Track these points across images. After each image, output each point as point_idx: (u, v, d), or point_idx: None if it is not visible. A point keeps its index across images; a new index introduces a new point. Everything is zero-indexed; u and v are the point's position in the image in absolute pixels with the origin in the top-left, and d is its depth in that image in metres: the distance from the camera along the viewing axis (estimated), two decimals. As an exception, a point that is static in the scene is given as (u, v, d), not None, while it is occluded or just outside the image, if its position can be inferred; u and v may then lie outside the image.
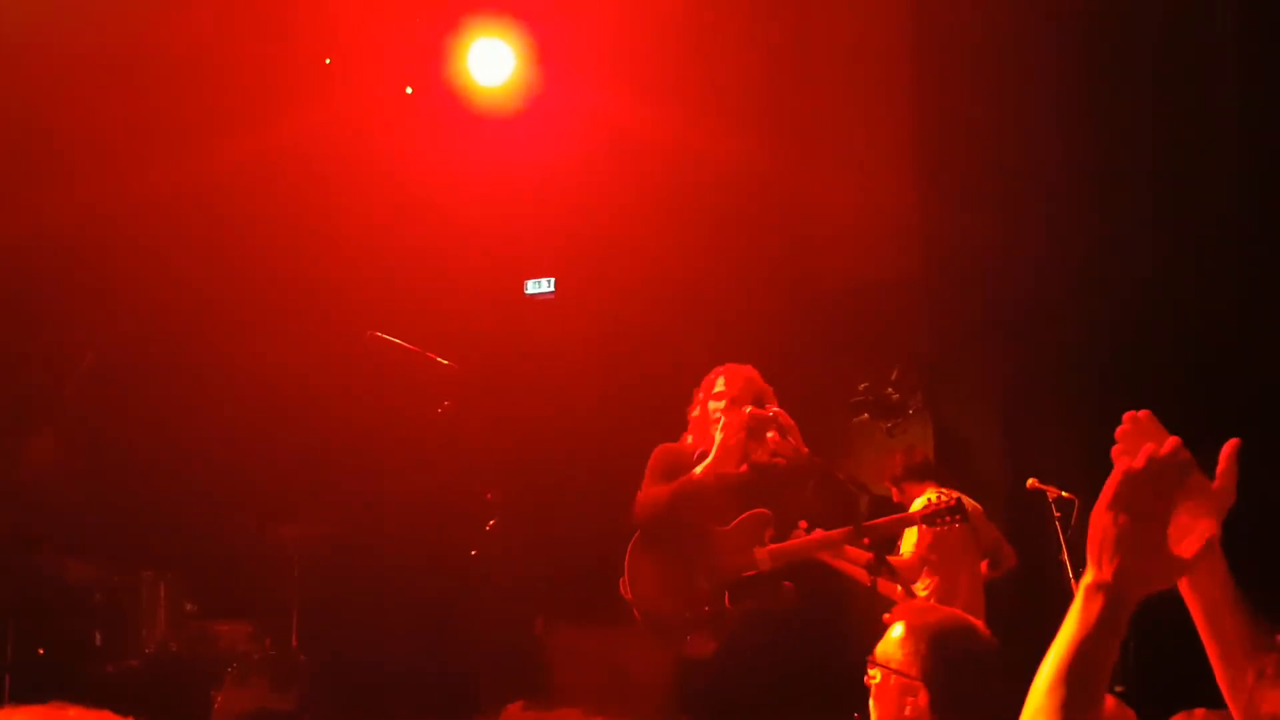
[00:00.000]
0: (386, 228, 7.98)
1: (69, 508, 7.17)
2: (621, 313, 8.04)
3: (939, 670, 2.58)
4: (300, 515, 7.35)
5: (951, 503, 5.37)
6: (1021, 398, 7.87)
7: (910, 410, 7.31)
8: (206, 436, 7.65)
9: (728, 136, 7.73)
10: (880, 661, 2.64)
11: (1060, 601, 1.73)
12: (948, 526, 5.45)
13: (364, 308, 7.35)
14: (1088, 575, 1.66)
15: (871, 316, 7.95)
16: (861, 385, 7.29)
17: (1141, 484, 1.63)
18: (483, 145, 8.10)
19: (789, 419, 5.26)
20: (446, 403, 6.03)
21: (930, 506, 5.47)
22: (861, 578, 5.84)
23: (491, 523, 5.87)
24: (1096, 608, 1.63)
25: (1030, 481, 6.11)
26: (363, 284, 7.80)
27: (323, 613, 7.24)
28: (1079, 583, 1.67)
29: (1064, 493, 5.94)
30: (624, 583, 5.42)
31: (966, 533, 6.40)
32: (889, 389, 7.21)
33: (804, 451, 5.22)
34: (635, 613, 5.40)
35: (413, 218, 8.03)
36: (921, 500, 6.04)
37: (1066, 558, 5.75)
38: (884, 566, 5.19)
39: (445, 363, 6.08)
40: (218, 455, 7.62)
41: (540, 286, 8.67)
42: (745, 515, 5.32)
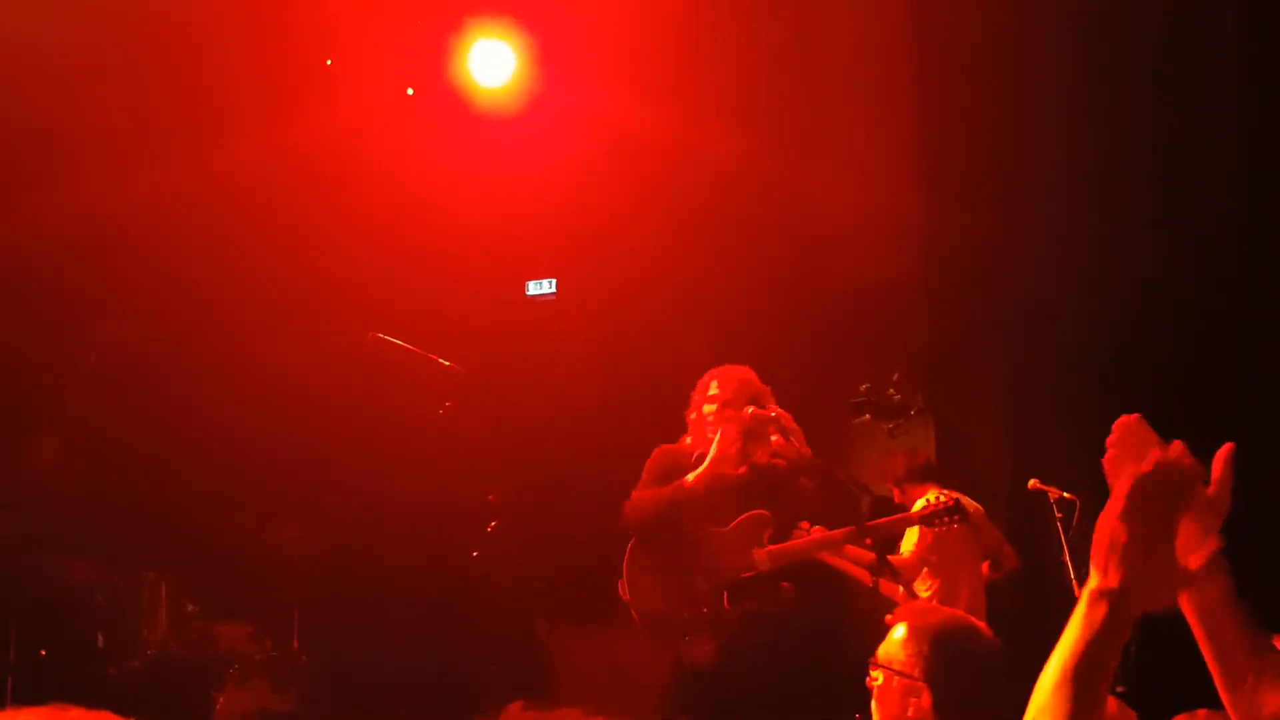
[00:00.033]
0: (388, 229, 7.98)
1: (71, 508, 7.17)
2: (623, 313, 8.04)
3: (942, 671, 2.58)
4: (301, 516, 7.35)
5: (950, 503, 5.38)
6: (1023, 398, 7.87)
7: (912, 411, 7.29)
8: (208, 437, 7.65)
9: (729, 137, 7.73)
10: (883, 663, 2.64)
11: (1062, 603, 1.73)
12: (946, 527, 5.45)
13: (365, 309, 7.35)
14: (1092, 581, 1.66)
15: (872, 317, 7.95)
16: (863, 386, 7.27)
17: (1149, 490, 1.64)
18: (484, 146, 8.10)
19: (792, 420, 5.26)
20: (448, 404, 6.04)
21: (929, 507, 5.47)
22: (863, 578, 5.85)
23: (493, 524, 5.88)
24: (1100, 614, 1.64)
25: (1032, 482, 6.11)
26: (364, 285, 7.81)
27: (324, 614, 7.25)
28: (1082, 586, 1.68)
29: (1065, 494, 5.93)
30: (622, 584, 5.43)
31: (968, 534, 6.41)
32: (890, 390, 7.19)
33: (807, 453, 5.22)
34: (633, 614, 5.41)
35: (414, 219, 8.03)
36: (922, 502, 6.04)
37: (1068, 559, 5.74)
38: (886, 567, 5.19)
39: (447, 364, 6.08)
40: (219, 456, 7.62)
41: (542, 287, 8.67)
42: (744, 517, 5.32)
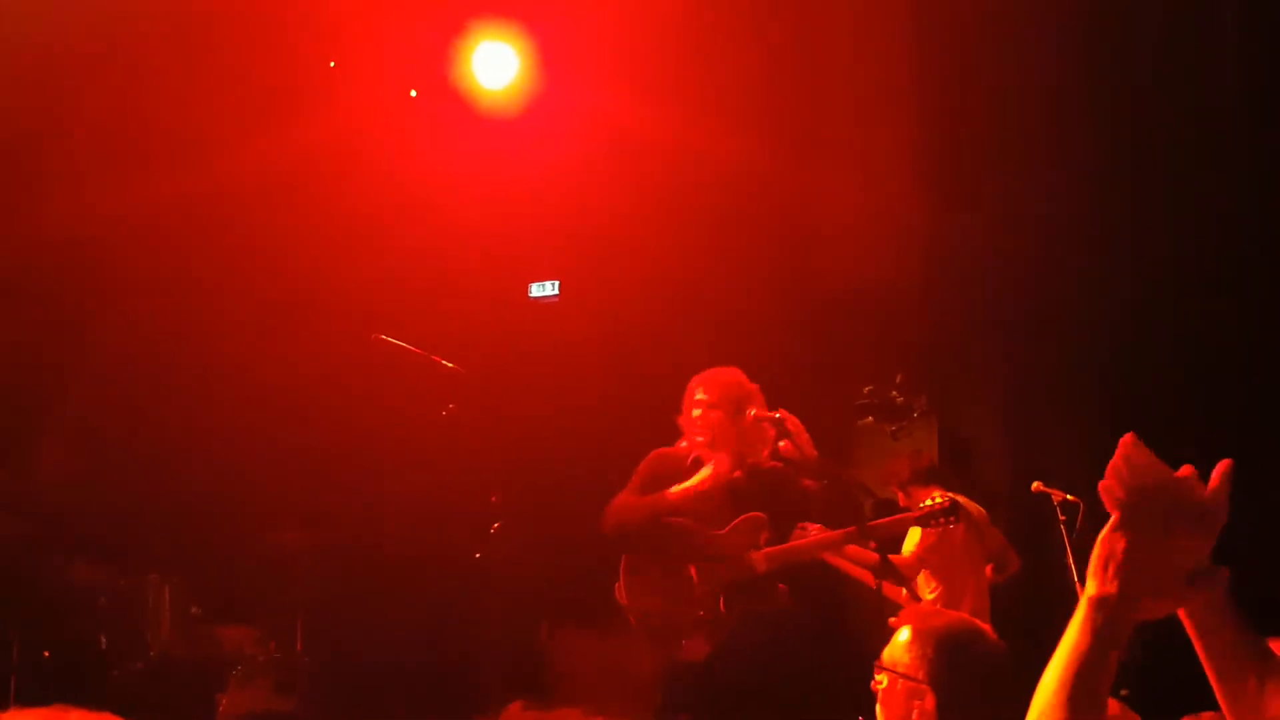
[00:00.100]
0: (390, 230, 7.98)
1: (74, 510, 7.17)
2: (624, 314, 8.04)
3: (946, 674, 2.58)
4: (304, 517, 7.35)
5: (946, 504, 5.38)
6: (1026, 400, 7.87)
7: (915, 413, 7.29)
8: (210, 438, 7.65)
9: (730, 138, 7.73)
10: (887, 666, 2.64)
11: (1065, 605, 1.73)
12: (942, 527, 5.46)
13: (368, 310, 7.36)
14: (1090, 588, 1.67)
15: (874, 318, 7.95)
16: (866, 388, 7.26)
17: (1149, 502, 1.65)
18: (486, 147, 8.10)
19: (797, 422, 5.25)
20: (451, 405, 6.04)
21: (925, 508, 5.48)
22: (866, 579, 5.85)
23: (496, 525, 5.87)
24: (1098, 621, 1.66)
25: (1035, 485, 6.10)
26: (367, 286, 7.80)
27: (326, 615, 7.25)
28: (1082, 592, 1.69)
29: (1069, 496, 5.93)
30: (619, 587, 5.43)
31: (972, 537, 6.41)
32: (893, 392, 7.19)
33: (813, 455, 5.22)
34: (630, 617, 5.41)
35: (416, 220, 8.03)
36: (928, 503, 6.05)
37: (1071, 561, 5.74)
38: (889, 569, 5.19)
39: (450, 365, 6.08)
40: (222, 457, 7.62)
41: (544, 289, 8.67)
42: (740, 519, 5.32)
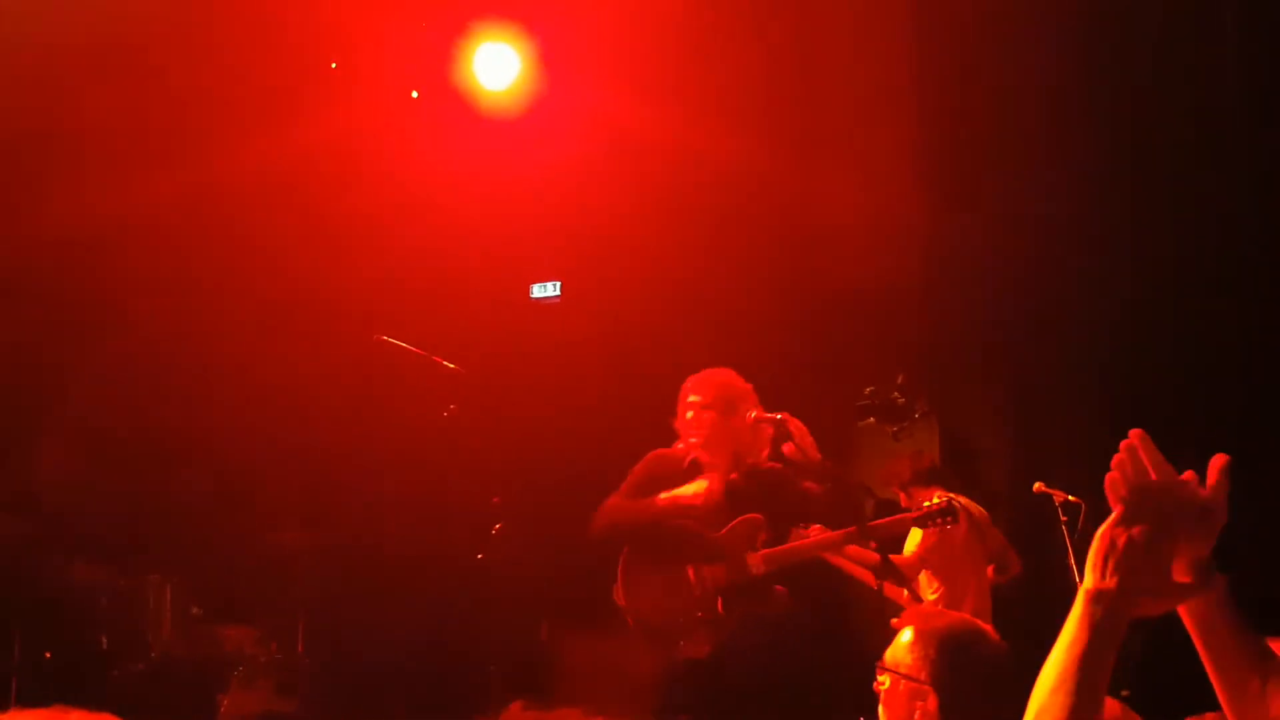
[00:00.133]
0: (392, 230, 7.98)
1: (75, 510, 7.17)
2: (626, 315, 8.04)
3: (948, 675, 2.58)
4: (305, 518, 7.35)
5: (943, 504, 5.39)
6: (1027, 400, 7.86)
7: (916, 414, 7.29)
8: (212, 439, 7.65)
9: (731, 139, 7.73)
10: (889, 667, 2.64)
11: (1067, 606, 1.73)
12: (941, 527, 5.47)
13: (369, 311, 7.36)
14: (1088, 581, 1.68)
15: (875, 318, 7.95)
16: (867, 389, 7.27)
17: (1149, 498, 1.65)
18: (488, 148, 8.10)
19: (801, 425, 5.25)
20: (452, 406, 6.04)
21: (923, 508, 5.49)
22: (867, 580, 5.85)
23: (498, 526, 5.87)
24: (1096, 615, 1.66)
25: (1037, 485, 6.10)
26: (368, 287, 7.80)
27: (328, 616, 7.25)
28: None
29: (1070, 497, 5.93)
30: (618, 589, 5.43)
31: (973, 538, 6.42)
32: (894, 393, 7.20)
33: (816, 457, 5.23)
34: (628, 618, 5.41)
35: (418, 220, 8.03)
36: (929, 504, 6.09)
37: (1073, 562, 5.74)
38: (890, 569, 5.19)
39: (451, 366, 6.08)
40: (223, 458, 7.62)
41: (546, 290, 8.67)
42: (738, 520, 5.32)
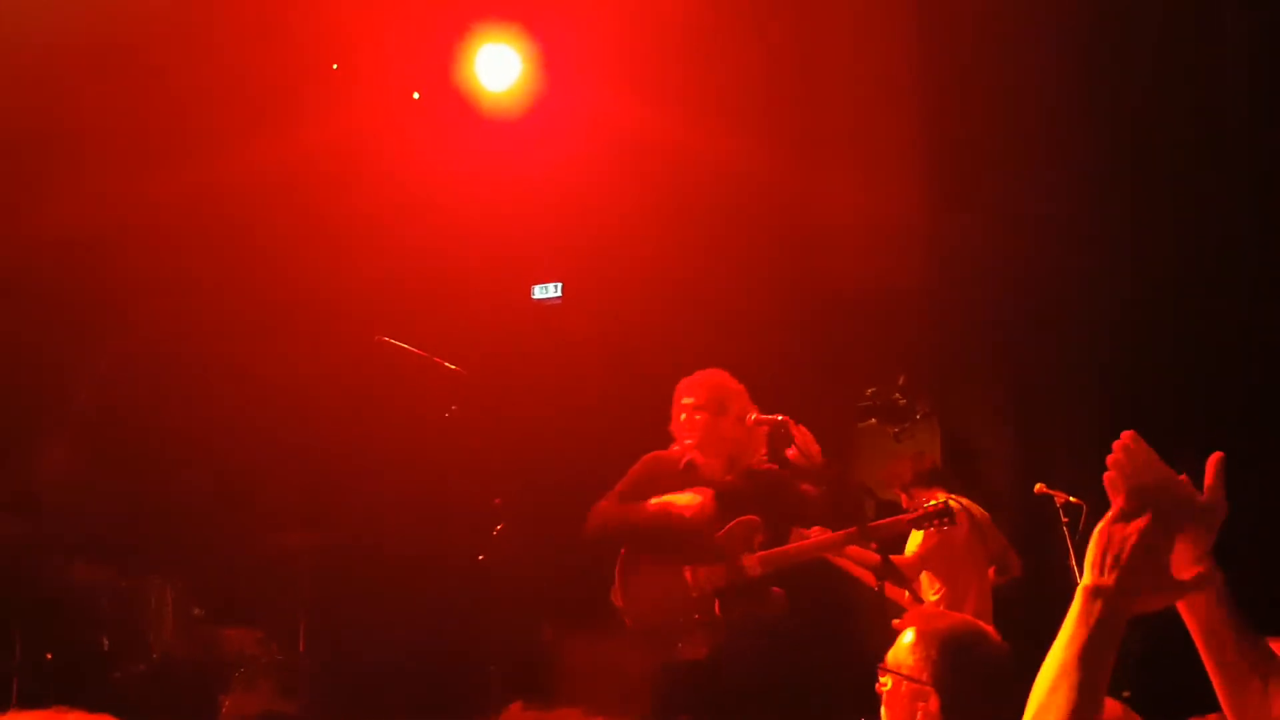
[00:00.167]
0: (393, 232, 7.98)
1: (76, 511, 7.17)
2: (628, 316, 8.04)
3: (950, 676, 2.58)
4: (307, 519, 7.35)
5: (940, 506, 5.41)
6: (1028, 401, 7.86)
7: (917, 415, 7.30)
8: (213, 440, 7.65)
9: (733, 140, 7.73)
10: (891, 668, 2.64)
11: (1068, 607, 1.73)
12: (937, 528, 5.49)
13: (371, 312, 7.35)
14: (1086, 579, 1.68)
15: (876, 320, 7.95)
16: (869, 390, 7.28)
17: (1148, 496, 1.66)
18: (489, 149, 8.10)
19: (805, 432, 5.26)
20: (453, 407, 6.04)
21: (919, 509, 5.50)
22: (869, 580, 5.85)
23: (499, 527, 5.87)
24: (1095, 611, 1.66)
25: (1038, 486, 6.11)
26: (369, 288, 7.81)
27: (329, 617, 7.25)
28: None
29: (1072, 498, 5.93)
30: (615, 591, 5.43)
31: (974, 539, 6.42)
32: (896, 394, 7.20)
33: (819, 459, 5.23)
34: (626, 620, 5.41)
35: (419, 221, 8.03)
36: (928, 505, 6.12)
37: (1074, 563, 5.74)
38: (890, 570, 5.19)
39: (452, 367, 6.08)
40: (225, 459, 7.63)
41: (547, 291, 8.67)
42: (735, 522, 5.33)
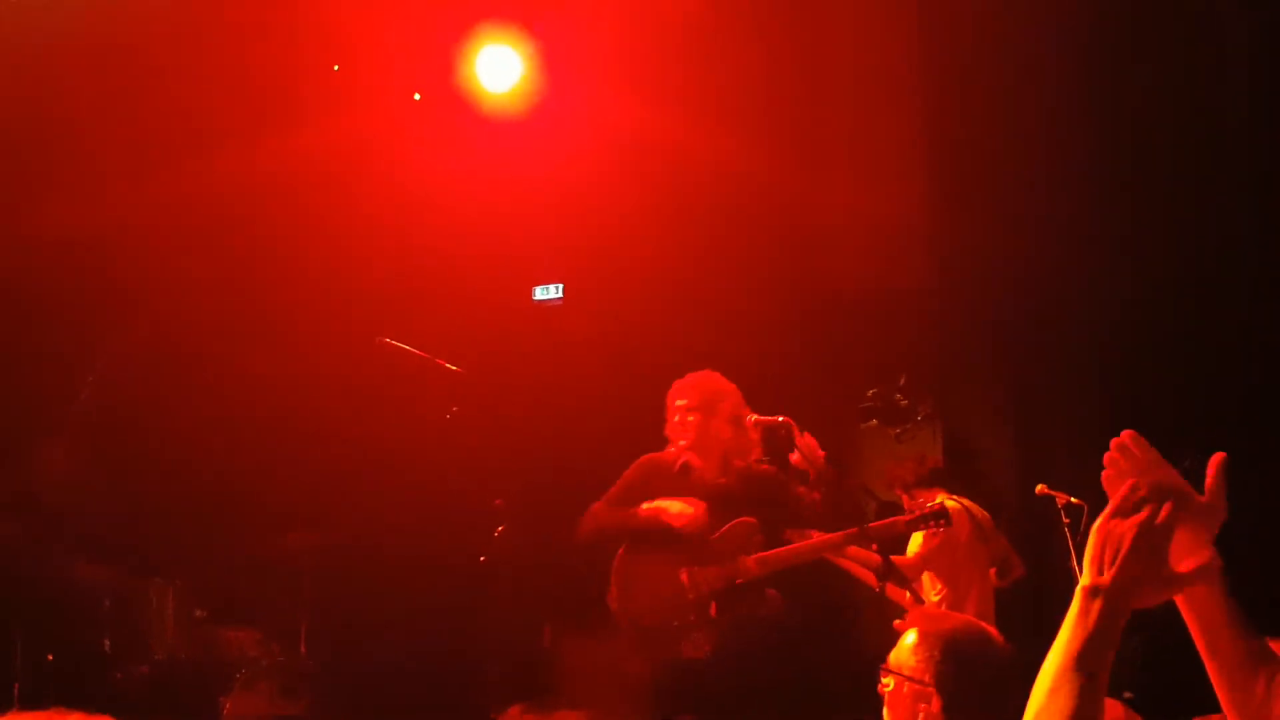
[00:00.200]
0: (394, 233, 7.98)
1: (78, 512, 7.17)
2: (630, 317, 8.04)
3: (952, 677, 2.57)
4: (308, 520, 7.35)
5: (936, 508, 5.42)
6: (1030, 402, 7.86)
7: (919, 416, 7.30)
8: (216, 442, 7.65)
9: (734, 141, 7.73)
10: (894, 668, 2.64)
11: (1068, 608, 1.73)
12: (931, 530, 5.51)
13: (372, 313, 7.36)
14: (1085, 578, 1.68)
15: (877, 320, 7.95)
16: (870, 391, 7.28)
17: (1145, 493, 1.66)
18: (491, 151, 8.11)
19: (811, 441, 5.27)
20: (455, 408, 6.04)
21: (915, 511, 5.52)
22: (870, 581, 5.85)
23: (500, 529, 5.88)
24: (1094, 611, 1.66)
25: (1039, 487, 6.10)
26: (371, 290, 7.81)
27: (330, 618, 7.24)
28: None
29: (1073, 499, 5.93)
30: (611, 594, 5.44)
31: (976, 541, 6.42)
32: (898, 395, 7.20)
33: (821, 464, 5.24)
34: (621, 622, 5.41)
35: (421, 223, 8.04)
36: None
37: (1075, 564, 5.73)
38: (892, 571, 5.20)
39: (454, 368, 6.08)
40: (227, 461, 7.62)
41: (549, 293, 8.66)
42: (731, 524, 5.33)
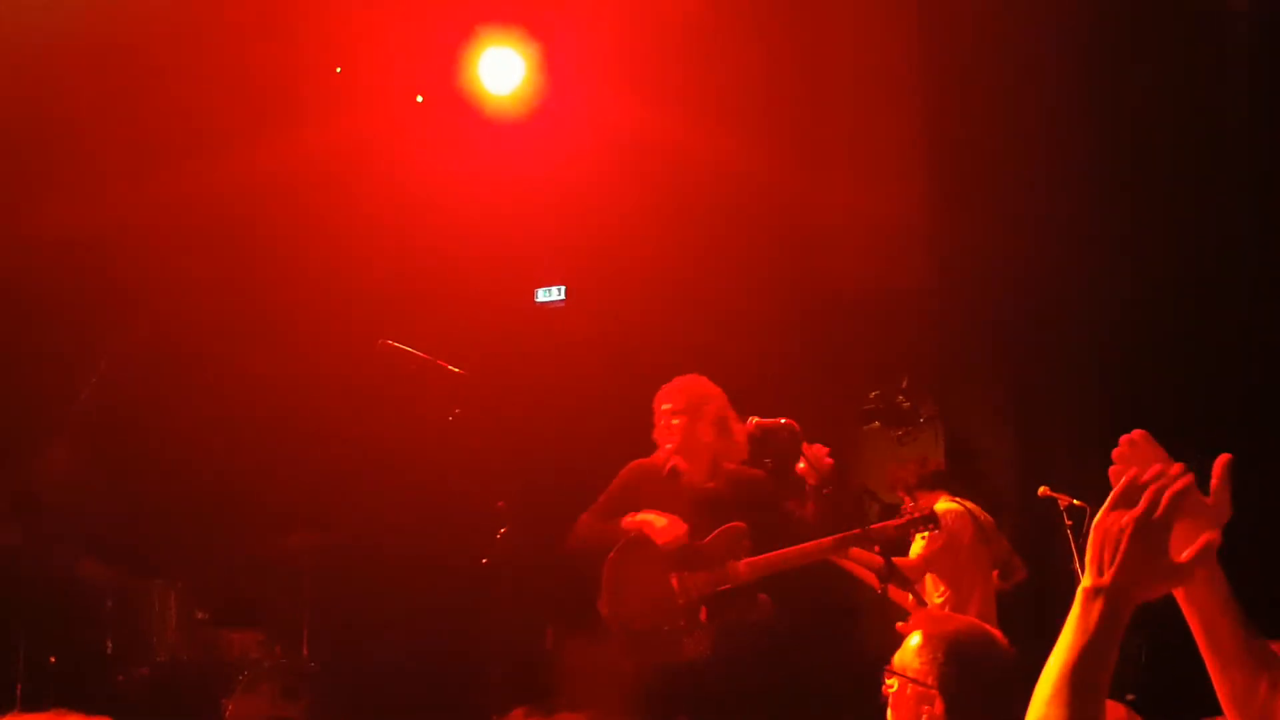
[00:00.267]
0: (396, 234, 7.98)
1: (81, 515, 7.17)
2: (632, 319, 8.04)
3: (955, 679, 2.57)
4: (310, 522, 7.35)
5: (926, 512, 5.49)
6: (1032, 404, 7.86)
7: (921, 418, 7.30)
8: (217, 443, 7.65)
9: (737, 143, 7.73)
10: (897, 670, 2.64)
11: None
12: (933, 532, 5.54)
13: (374, 315, 7.36)
14: (1086, 579, 1.68)
15: (878, 321, 7.95)
16: (872, 393, 7.28)
17: (1147, 489, 1.65)
18: (493, 152, 8.11)
19: (819, 451, 5.27)
20: (458, 410, 6.04)
21: (905, 516, 5.54)
22: (872, 582, 5.86)
23: (503, 531, 5.88)
24: (1095, 612, 1.65)
25: (1042, 489, 6.11)
26: (373, 291, 7.81)
27: (332, 620, 7.25)
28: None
29: (1075, 501, 5.93)
30: (602, 599, 5.44)
31: (979, 543, 6.43)
32: (900, 397, 7.20)
33: (830, 472, 5.25)
34: (613, 627, 5.41)
35: (423, 224, 8.04)
36: (935, 509, 6.17)
37: (1078, 565, 5.73)
38: (893, 572, 5.20)
39: (456, 370, 6.08)
40: (229, 462, 7.63)
41: (551, 294, 8.66)
42: (721, 530, 5.33)
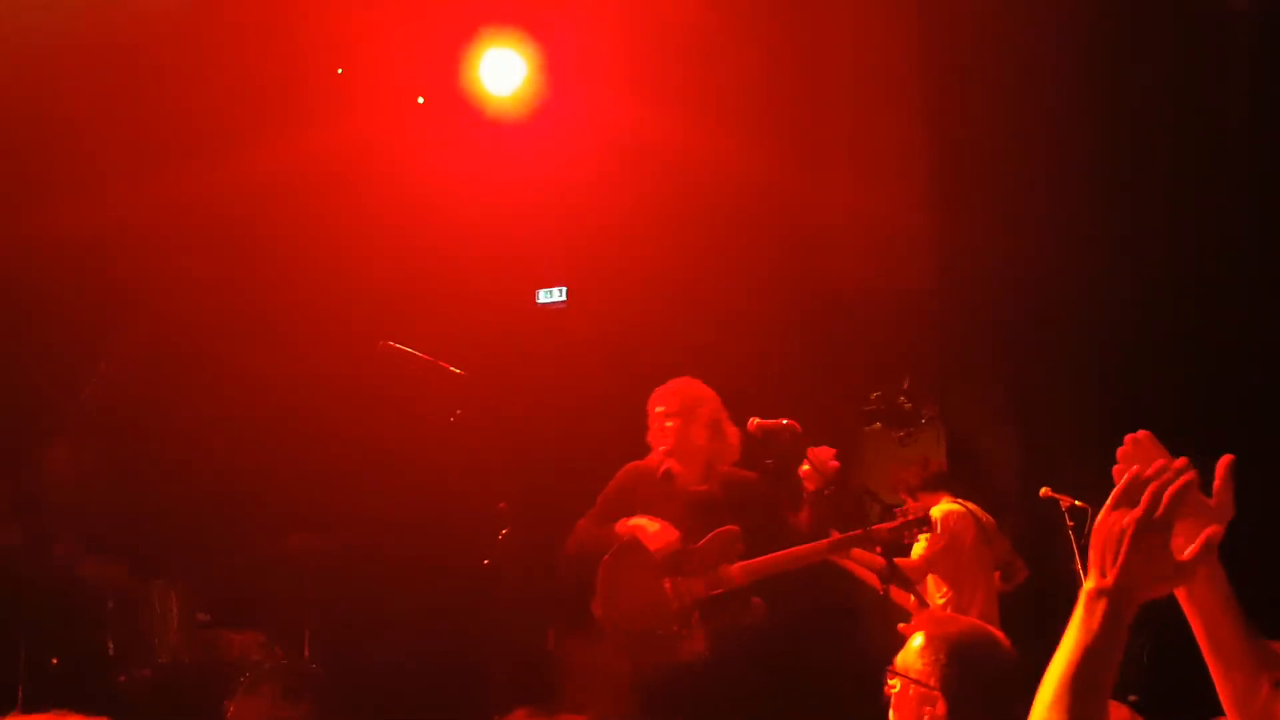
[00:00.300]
0: (398, 236, 7.99)
1: (82, 515, 7.18)
2: (633, 320, 8.04)
3: (958, 681, 2.57)
4: (311, 523, 7.35)
5: (921, 515, 5.53)
6: (1030, 402, 7.86)
7: (923, 419, 7.29)
8: (218, 443, 7.66)
9: (736, 143, 7.73)
10: (900, 671, 2.65)
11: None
12: (914, 538, 5.58)
13: (375, 316, 7.36)
14: (1089, 581, 1.68)
15: (878, 321, 7.95)
16: (874, 394, 7.26)
17: (1147, 489, 1.65)
18: (493, 153, 8.11)
19: (822, 453, 5.28)
20: (459, 411, 6.04)
21: (898, 519, 5.56)
22: (874, 583, 5.86)
23: (504, 532, 5.88)
24: (1098, 613, 1.65)
25: (1043, 490, 6.11)
26: (374, 292, 7.81)
27: (334, 621, 7.25)
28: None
29: (1077, 502, 5.93)
30: (596, 602, 5.44)
31: (980, 544, 6.44)
32: (901, 398, 7.19)
33: (834, 475, 5.26)
34: (608, 630, 5.42)
35: (424, 226, 8.04)
36: (938, 510, 6.23)
37: (1080, 566, 5.73)
38: (895, 573, 5.20)
39: (458, 371, 6.08)
40: (230, 463, 7.63)
41: (552, 296, 8.66)
42: (714, 534, 5.33)
